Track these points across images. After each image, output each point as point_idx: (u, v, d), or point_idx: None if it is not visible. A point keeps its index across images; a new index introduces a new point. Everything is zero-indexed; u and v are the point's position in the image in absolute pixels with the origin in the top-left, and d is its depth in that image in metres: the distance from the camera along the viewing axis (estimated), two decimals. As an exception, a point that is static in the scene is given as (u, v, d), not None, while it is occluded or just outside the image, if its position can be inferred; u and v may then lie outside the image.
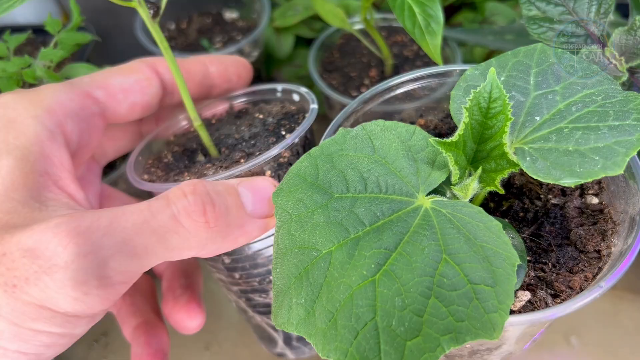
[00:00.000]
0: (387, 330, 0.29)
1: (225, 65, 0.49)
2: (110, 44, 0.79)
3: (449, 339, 0.28)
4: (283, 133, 0.45)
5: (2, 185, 0.35)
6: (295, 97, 0.50)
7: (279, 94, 0.51)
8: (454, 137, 0.33)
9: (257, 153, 0.43)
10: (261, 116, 0.49)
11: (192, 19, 0.80)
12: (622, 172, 0.32)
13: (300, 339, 0.56)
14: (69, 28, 0.56)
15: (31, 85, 0.51)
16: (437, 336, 0.28)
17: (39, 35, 0.72)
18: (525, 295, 0.34)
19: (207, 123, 0.51)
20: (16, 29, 0.68)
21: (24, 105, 0.38)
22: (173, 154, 0.49)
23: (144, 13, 0.33)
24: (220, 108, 0.52)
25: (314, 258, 0.33)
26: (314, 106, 0.45)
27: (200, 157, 0.47)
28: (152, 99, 0.46)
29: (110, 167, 0.62)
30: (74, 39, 0.56)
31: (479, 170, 0.34)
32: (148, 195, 0.41)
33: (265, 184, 0.38)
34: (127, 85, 0.44)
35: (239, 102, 0.52)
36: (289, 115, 0.48)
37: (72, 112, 0.40)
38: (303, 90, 0.49)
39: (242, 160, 0.42)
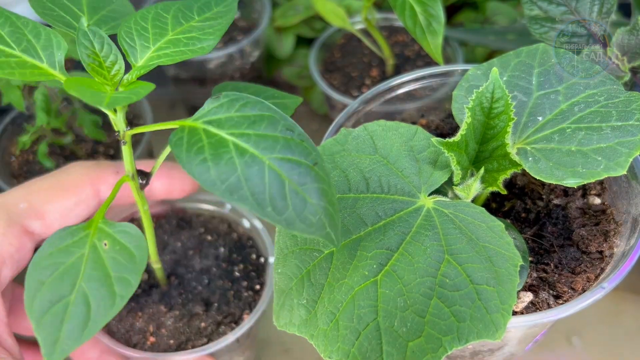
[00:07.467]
0: (389, 331, 0.29)
1: (171, 181, 0.45)
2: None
3: (451, 340, 0.28)
4: (237, 275, 0.45)
5: None
6: (245, 223, 0.49)
7: (226, 210, 0.49)
8: (456, 137, 0.33)
9: (215, 304, 0.43)
10: (209, 238, 0.47)
11: (192, 18, 0.80)
12: (625, 173, 0.32)
13: None
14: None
15: (31, 88, 0.50)
16: (440, 337, 0.28)
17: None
18: (528, 296, 0.34)
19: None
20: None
21: None
22: None
23: (134, 185, 0.34)
24: (159, 208, 0.50)
25: (316, 258, 0.32)
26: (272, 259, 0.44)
27: (147, 285, 0.45)
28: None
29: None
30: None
31: (481, 171, 0.34)
32: None
33: None
34: (65, 211, 0.41)
35: (179, 207, 0.50)
36: (240, 246, 0.47)
37: (9, 257, 0.38)
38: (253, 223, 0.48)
39: (200, 312, 0.42)
